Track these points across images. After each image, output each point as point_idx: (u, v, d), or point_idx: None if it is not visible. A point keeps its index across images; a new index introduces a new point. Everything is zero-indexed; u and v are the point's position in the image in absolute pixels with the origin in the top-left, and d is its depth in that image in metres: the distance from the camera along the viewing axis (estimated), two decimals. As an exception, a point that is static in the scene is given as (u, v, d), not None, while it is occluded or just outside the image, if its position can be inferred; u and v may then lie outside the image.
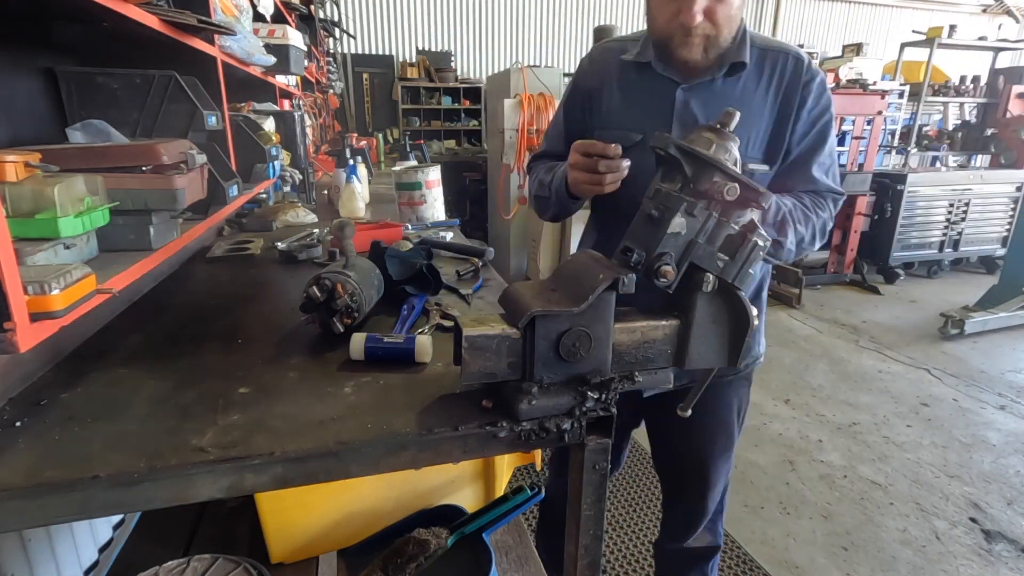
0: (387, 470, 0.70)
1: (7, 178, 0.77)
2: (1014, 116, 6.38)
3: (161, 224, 1.05)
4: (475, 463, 1.35)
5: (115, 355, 0.95)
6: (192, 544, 1.27)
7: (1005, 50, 7.37)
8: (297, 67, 2.44)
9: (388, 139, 7.69)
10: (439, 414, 0.74)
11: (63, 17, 1.18)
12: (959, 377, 3.58)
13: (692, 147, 0.71)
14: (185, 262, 1.60)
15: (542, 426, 0.73)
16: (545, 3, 9.42)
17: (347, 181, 2.32)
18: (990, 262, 6.13)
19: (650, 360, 0.78)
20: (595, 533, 0.80)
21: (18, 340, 0.62)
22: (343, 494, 1.20)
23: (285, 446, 0.67)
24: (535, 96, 4.23)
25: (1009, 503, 2.36)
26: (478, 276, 1.45)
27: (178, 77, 1.34)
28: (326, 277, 0.97)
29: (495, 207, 5.42)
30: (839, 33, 10.99)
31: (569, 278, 0.75)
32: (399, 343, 0.91)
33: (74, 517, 0.64)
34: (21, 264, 0.72)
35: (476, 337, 0.69)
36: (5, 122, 1.09)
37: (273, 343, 1.00)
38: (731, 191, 0.70)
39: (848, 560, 2.04)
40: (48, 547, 1.08)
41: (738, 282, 0.75)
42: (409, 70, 8.94)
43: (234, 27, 1.59)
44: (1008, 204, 5.84)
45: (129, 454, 0.65)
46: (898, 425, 2.97)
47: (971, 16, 11.59)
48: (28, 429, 0.71)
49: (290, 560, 1.20)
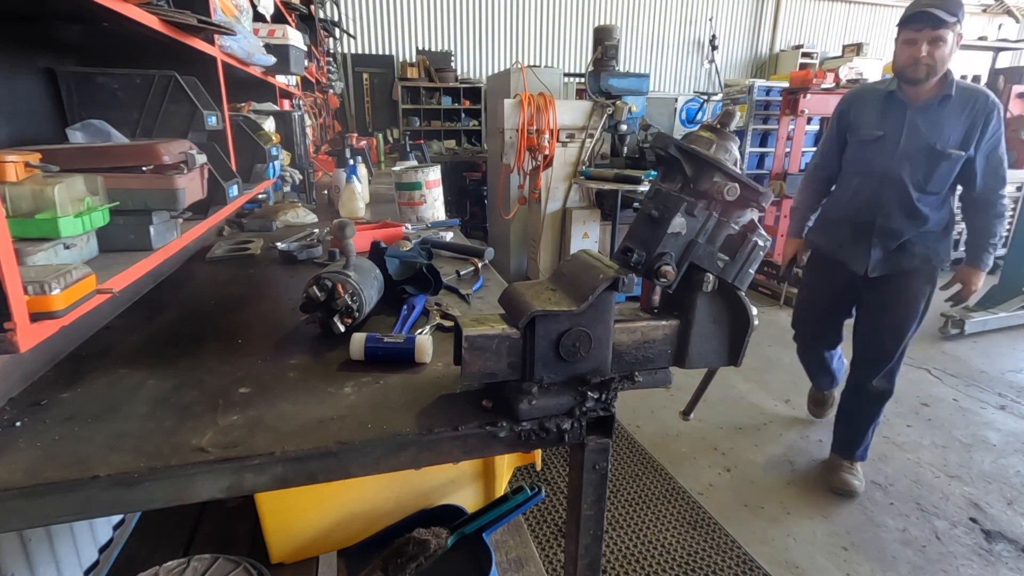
0: (387, 470, 0.70)
1: (7, 178, 0.77)
2: (1014, 116, 6.38)
3: (161, 224, 1.05)
4: (475, 463, 1.35)
5: (115, 355, 0.95)
6: (192, 544, 1.27)
7: (1005, 50, 7.37)
8: (297, 67, 2.44)
9: (388, 139, 7.69)
10: (439, 414, 0.74)
11: (63, 17, 1.18)
12: (959, 377, 3.58)
13: (692, 147, 0.71)
14: (185, 262, 1.60)
15: (542, 426, 0.73)
16: (545, 3, 9.42)
17: (347, 181, 2.32)
18: (990, 262, 6.12)
19: (650, 360, 0.78)
20: (595, 533, 0.80)
21: (18, 340, 0.62)
22: (343, 494, 1.20)
23: (285, 446, 0.67)
24: (535, 96, 4.23)
25: (1009, 503, 2.36)
26: (478, 276, 1.45)
27: (178, 77, 1.34)
28: (326, 277, 0.97)
29: (495, 207, 5.42)
30: (839, 33, 10.98)
31: (569, 278, 0.75)
32: (399, 343, 0.91)
33: (74, 517, 0.64)
34: (21, 264, 0.72)
35: (476, 337, 0.69)
36: (5, 122, 1.09)
37: (273, 343, 1.00)
38: (731, 191, 0.70)
39: (848, 560, 2.04)
40: (48, 547, 1.08)
41: (738, 282, 0.75)
42: (409, 70, 8.94)
43: (234, 27, 1.59)
44: (1008, 204, 5.84)
45: (129, 454, 0.65)
46: (898, 425, 2.97)
47: (971, 16, 11.58)
48: (28, 429, 0.71)
49: (290, 560, 1.20)
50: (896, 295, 2.13)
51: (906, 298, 2.11)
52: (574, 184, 4.43)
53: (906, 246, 2.08)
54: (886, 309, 2.15)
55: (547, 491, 2.38)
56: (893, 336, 2.14)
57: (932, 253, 2.08)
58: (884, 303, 2.15)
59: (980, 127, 1.91)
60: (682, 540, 2.09)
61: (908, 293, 2.11)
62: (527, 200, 4.66)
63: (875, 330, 2.20)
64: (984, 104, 1.91)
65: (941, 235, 2.09)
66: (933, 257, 2.08)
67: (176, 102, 1.34)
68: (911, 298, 2.11)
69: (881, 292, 2.16)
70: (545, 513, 2.27)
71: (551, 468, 2.55)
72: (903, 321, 2.12)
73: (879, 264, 2.12)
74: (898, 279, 2.12)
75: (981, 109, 1.90)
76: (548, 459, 2.61)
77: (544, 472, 2.51)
